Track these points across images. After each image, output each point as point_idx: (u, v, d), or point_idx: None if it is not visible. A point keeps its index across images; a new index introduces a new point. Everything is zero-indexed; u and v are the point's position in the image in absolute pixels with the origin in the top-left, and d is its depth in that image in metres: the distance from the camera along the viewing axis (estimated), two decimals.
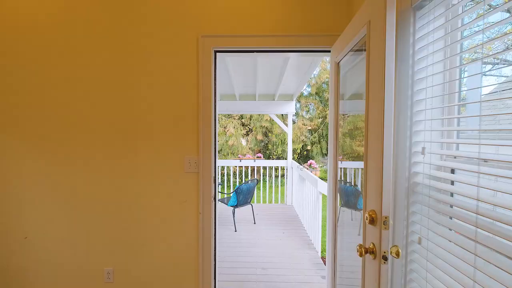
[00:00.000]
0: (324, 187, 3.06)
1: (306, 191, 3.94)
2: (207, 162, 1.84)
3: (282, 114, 11.50)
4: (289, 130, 5.35)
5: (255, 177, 5.55)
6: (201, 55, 1.82)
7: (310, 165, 4.21)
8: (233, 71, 3.91)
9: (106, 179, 1.85)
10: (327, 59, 14.18)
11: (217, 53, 1.89)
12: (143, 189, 1.85)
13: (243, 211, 4.60)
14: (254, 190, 4.18)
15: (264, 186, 7.98)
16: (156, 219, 1.87)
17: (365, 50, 1.16)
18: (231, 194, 4.00)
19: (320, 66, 13.37)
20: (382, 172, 0.97)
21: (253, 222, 4.26)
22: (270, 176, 6.74)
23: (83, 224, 1.87)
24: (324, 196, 3.11)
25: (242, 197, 3.95)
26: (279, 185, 5.42)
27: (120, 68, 1.82)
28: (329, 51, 1.84)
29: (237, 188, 3.88)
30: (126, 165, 1.85)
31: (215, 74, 1.89)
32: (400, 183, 1.14)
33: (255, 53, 1.91)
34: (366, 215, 1.03)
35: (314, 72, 13.42)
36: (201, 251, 1.86)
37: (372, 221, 1.01)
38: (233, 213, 3.98)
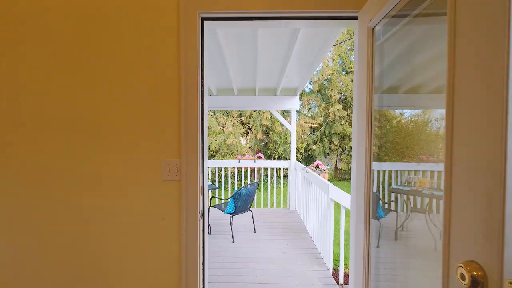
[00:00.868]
0: (336, 194, 2.60)
1: (313, 196, 3.48)
2: (192, 167, 1.37)
3: (284, 111, 11.04)
4: (292, 127, 4.89)
5: (255, 178, 5.10)
6: (184, 24, 1.35)
7: (317, 167, 3.75)
8: (230, 62, 3.46)
9: (55, 191, 1.38)
10: (329, 55, 13.71)
11: (206, 22, 1.42)
12: (104, 205, 1.38)
13: (242, 218, 4.14)
14: (254, 195, 3.72)
15: (265, 188, 7.51)
16: (122, 246, 1.39)
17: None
18: (228, 200, 3.54)
19: (322, 62, 12.89)
20: (505, 189, 0.50)
21: (253, 230, 3.79)
22: (272, 176, 6.29)
23: (24, 259, 1.41)
24: (337, 204, 2.66)
25: (241, 203, 3.48)
26: (281, 187, 4.95)
27: (72, 44, 1.35)
28: (354, 18, 1.37)
29: (235, 194, 3.42)
30: (82, 172, 1.38)
31: (202, 51, 1.42)
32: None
33: (256, 22, 1.44)
34: (462, 271, 0.56)
35: (317, 68, 12.94)
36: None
37: (476, 285, 0.54)
38: (231, 221, 3.52)
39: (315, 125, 11.59)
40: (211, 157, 9.97)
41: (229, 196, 4.07)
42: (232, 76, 4.14)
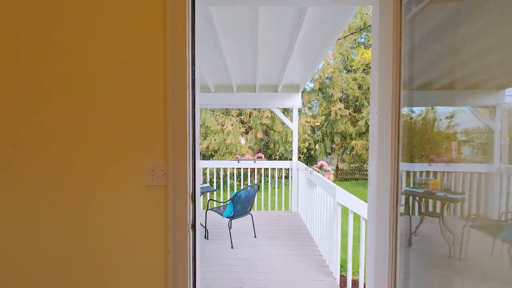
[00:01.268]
0: (344, 197, 2.38)
1: (317, 199, 3.27)
2: (181, 170, 1.15)
3: (285, 109, 10.82)
4: (294, 126, 4.67)
5: (255, 179, 4.89)
6: (171, 3, 1.13)
7: (321, 167, 3.53)
8: (229, 57, 3.27)
9: (18, 198, 1.17)
10: (330, 53, 13.47)
11: (197, 0, 1.20)
12: (73, 215, 1.17)
13: (241, 222, 3.92)
14: (254, 198, 3.51)
15: (266, 190, 7.30)
16: (95, 264, 1.18)
17: None
18: (227, 203, 3.32)
19: (324, 59, 12.67)
20: None
21: (253, 235, 3.58)
22: (273, 177, 6.08)
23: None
24: (344, 208, 2.44)
25: (240, 206, 3.27)
26: (283, 188, 4.75)
27: (41, 24, 1.13)
28: None
29: (233, 196, 3.20)
30: (49, 175, 1.16)
31: (193, 35, 1.20)
32: None
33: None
34: None
35: (321, 62, 12.69)
36: None
37: None
38: (229, 225, 3.30)
39: (318, 123, 11.36)
40: (210, 157, 9.76)
41: (228, 198, 3.84)
42: (231, 72, 3.93)
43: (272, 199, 5.19)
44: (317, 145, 10.97)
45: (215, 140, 9.30)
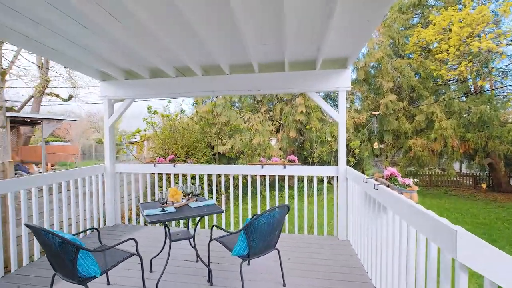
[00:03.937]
0: (484, 258, 1.01)
1: (389, 233, 1.90)
2: None
3: (326, 97, 9.22)
4: (341, 117, 3.29)
5: (286, 188, 3.62)
6: None
7: (391, 177, 2.14)
8: (245, 22, 2.15)
9: None
10: (375, 36, 11.46)
11: None
12: None
13: (261, 258, 2.68)
14: (281, 225, 2.25)
15: (301, 204, 5.95)
16: None
17: None
18: (238, 235, 2.12)
19: (367, 45, 10.77)
20: None
21: (281, 281, 2.32)
22: (311, 188, 4.72)
23: None
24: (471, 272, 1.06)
25: (259, 240, 2.04)
26: (325, 200, 3.41)
27: None
28: None
29: (247, 225, 1.98)
30: None
31: None
32: None
33: None
34: None
35: (362, 51, 10.78)
36: None
37: None
38: (241, 269, 2.09)
39: (378, 112, 9.49)
40: (235, 160, 8.69)
41: (249, 216, 2.62)
42: (249, 44, 2.78)
43: (310, 216, 3.84)
44: (362, 145, 9.09)
45: (241, 140, 8.20)
